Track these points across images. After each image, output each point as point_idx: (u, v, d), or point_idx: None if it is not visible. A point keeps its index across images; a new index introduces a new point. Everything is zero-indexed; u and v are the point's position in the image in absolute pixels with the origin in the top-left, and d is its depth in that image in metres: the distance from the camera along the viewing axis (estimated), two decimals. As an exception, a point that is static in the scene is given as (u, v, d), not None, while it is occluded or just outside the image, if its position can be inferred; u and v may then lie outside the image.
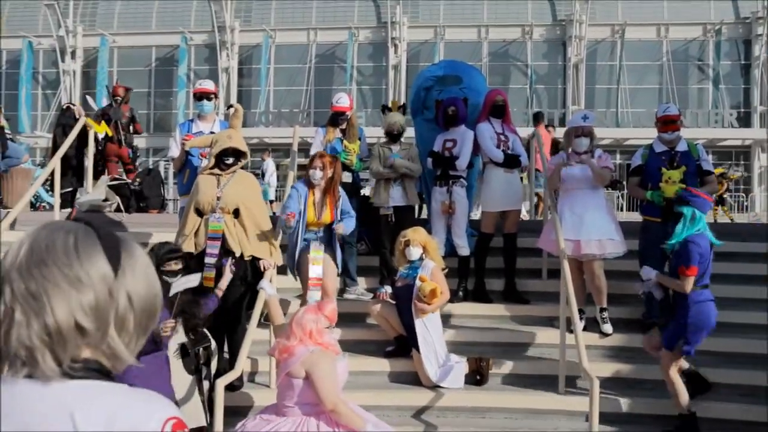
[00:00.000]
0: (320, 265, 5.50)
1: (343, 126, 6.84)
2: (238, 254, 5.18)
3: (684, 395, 5.11)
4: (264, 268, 5.25)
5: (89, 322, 1.07)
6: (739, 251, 7.06)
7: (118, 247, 1.12)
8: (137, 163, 10.65)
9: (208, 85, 6.50)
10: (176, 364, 4.52)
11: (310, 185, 5.66)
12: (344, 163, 6.50)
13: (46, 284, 1.06)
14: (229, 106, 6.15)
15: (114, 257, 1.10)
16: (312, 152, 6.57)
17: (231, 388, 5.00)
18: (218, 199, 5.23)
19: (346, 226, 5.67)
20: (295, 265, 5.66)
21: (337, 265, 5.76)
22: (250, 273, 5.28)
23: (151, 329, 1.16)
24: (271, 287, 4.95)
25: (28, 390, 1.05)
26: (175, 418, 1.08)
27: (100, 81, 32.30)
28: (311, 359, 4.08)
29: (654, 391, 5.46)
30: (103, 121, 9.62)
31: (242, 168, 5.52)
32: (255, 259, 5.30)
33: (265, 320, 5.39)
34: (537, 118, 11.13)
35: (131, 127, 10.04)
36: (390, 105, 7.02)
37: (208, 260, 5.15)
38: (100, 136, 9.68)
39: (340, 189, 5.76)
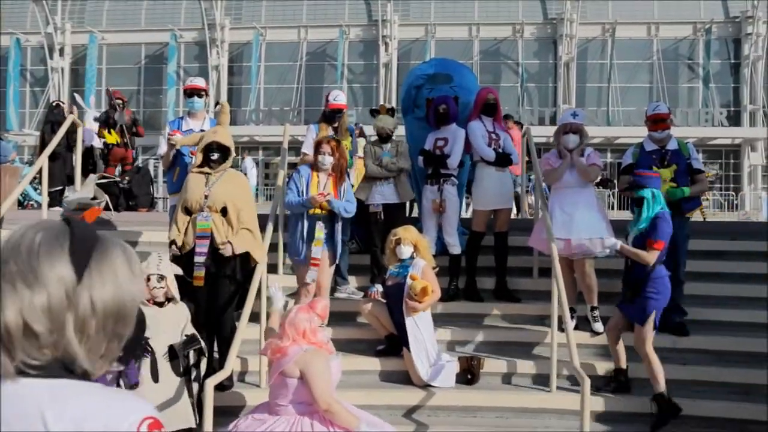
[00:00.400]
0: (321, 246, 5.59)
1: (335, 124, 6.82)
2: (228, 253, 5.15)
3: (662, 373, 5.22)
4: (226, 252, 5.13)
5: (40, 324, 1.04)
6: (730, 250, 7.11)
7: (90, 248, 1.10)
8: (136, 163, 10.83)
9: (198, 82, 6.47)
10: (165, 366, 4.50)
11: (315, 169, 5.73)
12: None
13: (3, 283, 1.04)
14: (217, 104, 6.14)
15: (80, 259, 1.08)
16: (304, 150, 6.55)
17: (221, 387, 4.98)
18: (206, 197, 5.21)
19: (345, 207, 5.68)
20: (300, 253, 5.62)
21: (336, 257, 5.75)
22: (239, 271, 5.25)
23: (125, 336, 1.13)
24: (281, 297, 4.87)
25: (11, 390, 1.04)
26: (152, 418, 1.06)
27: (89, 78, 32.16)
28: (305, 358, 4.06)
29: (645, 390, 5.47)
30: (111, 129, 9.84)
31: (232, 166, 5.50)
32: (244, 259, 5.27)
33: None
34: (505, 118, 11.05)
35: (134, 129, 10.27)
36: (379, 108, 7.01)
37: (197, 259, 5.13)
38: (98, 143, 9.88)
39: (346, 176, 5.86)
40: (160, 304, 4.67)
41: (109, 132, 9.96)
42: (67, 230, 1.10)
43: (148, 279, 4.63)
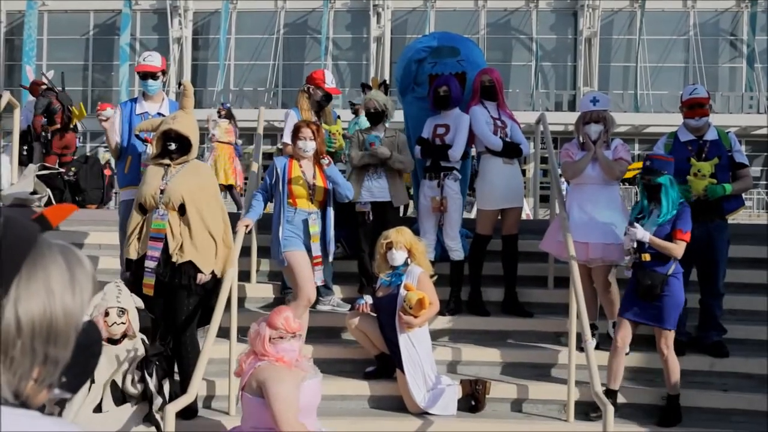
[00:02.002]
0: (318, 242, 5.72)
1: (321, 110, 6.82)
2: (178, 262, 5.15)
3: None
4: (198, 280, 5.19)
5: None
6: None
7: (20, 254, 1.07)
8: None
9: (152, 61, 6.32)
10: (107, 400, 4.57)
11: (294, 158, 5.84)
12: (331, 150, 6.51)
13: None
14: (179, 84, 6.12)
15: (9, 266, 1.06)
16: (285, 140, 6.55)
17: (185, 414, 5.00)
18: (161, 192, 5.21)
19: (349, 186, 5.91)
20: (280, 250, 5.67)
21: (327, 242, 5.85)
22: (196, 282, 5.24)
23: (60, 359, 1.11)
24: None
25: None
26: None
27: (27, 51, 32.01)
28: (264, 374, 4.18)
29: (692, 421, 5.52)
30: (53, 115, 9.84)
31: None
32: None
33: None
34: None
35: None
36: (370, 83, 7.02)
37: (148, 264, 5.14)
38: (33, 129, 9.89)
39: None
40: (115, 342, 4.70)
41: (44, 116, 9.94)
42: None
43: (107, 314, 4.65)
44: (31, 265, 1.08)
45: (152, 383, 4.64)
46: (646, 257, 5.46)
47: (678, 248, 5.43)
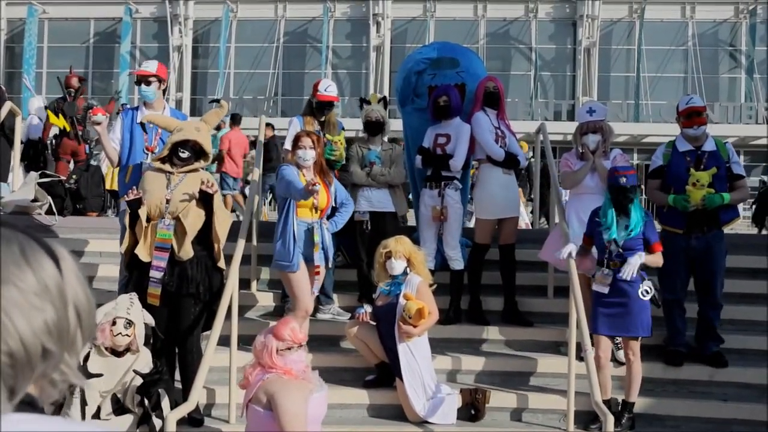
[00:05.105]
0: (320, 251, 5.67)
1: (323, 118, 6.84)
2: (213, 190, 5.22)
3: None
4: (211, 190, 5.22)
5: (53, 342, 1.03)
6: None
7: (54, 251, 1.09)
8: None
9: (148, 66, 6.36)
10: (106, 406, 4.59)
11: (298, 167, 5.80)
12: (330, 159, 6.53)
13: (6, 305, 1.01)
14: (215, 101, 6.17)
15: (57, 263, 1.07)
16: (287, 147, 6.57)
17: (192, 423, 5.02)
18: (167, 202, 5.21)
19: (337, 222, 5.87)
20: (290, 257, 5.61)
21: (328, 258, 5.80)
22: (203, 290, 5.26)
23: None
24: None
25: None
26: None
27: (27, 59, 32.04)
28: (273, 387, 4.18)
29: (678, 429, 5.53)
30: (60, 115, 9.88)
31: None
32: (212, 276, 5.29)
33: None
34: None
35: (88, 119, 10.30)
36: (369, 98, 7.06)
37: (153, 274, 5.14)
38: (52, 132, 9.93)
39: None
40: (118, 354, 4.71)
41: (57, 118, 10.01)
42: (26, 235, 1.08)
43: (114, 323, 4.65)
44: (62, 261, 1.08)
45: (150, 406, 4.65)
46: (616, 264, 5.47)
47: (661, 259, 5.57)
